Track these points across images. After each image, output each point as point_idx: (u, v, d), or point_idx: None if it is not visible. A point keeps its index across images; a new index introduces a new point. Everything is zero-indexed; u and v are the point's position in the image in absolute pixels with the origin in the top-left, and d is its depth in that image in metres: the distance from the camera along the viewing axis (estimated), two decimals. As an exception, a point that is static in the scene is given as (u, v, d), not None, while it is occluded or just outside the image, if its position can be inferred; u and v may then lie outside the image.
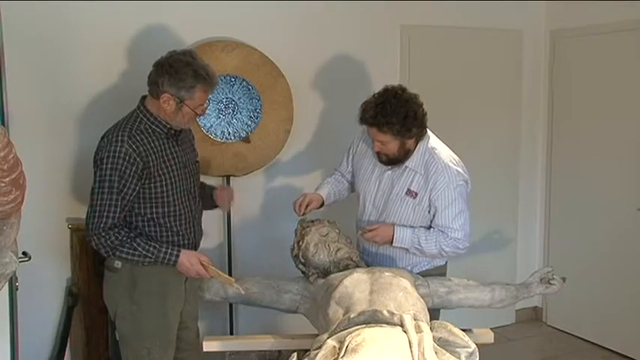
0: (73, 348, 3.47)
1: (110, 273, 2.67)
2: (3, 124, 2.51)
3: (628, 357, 4.27)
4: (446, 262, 3.05)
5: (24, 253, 2.52)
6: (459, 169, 2.87)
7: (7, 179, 1.81)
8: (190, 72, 2.53)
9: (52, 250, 3.39)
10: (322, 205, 3.06)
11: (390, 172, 2.92)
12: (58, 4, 3.27)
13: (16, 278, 2.48)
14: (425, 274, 2.88)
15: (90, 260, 3.35)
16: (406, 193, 2.87)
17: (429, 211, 2.85)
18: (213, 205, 3.00)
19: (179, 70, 2.52)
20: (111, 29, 3.41)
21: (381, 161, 2.90)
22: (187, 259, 2.61)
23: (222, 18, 3.67)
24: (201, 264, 2.63)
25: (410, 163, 2.86)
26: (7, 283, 2.18)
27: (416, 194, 2.85)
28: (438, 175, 2.81)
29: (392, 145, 2.79)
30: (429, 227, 2.87)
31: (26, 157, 2.04)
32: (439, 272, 2.98)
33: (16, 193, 1.86)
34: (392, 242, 2.83)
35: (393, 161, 2.86)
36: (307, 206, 2.97)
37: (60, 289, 3.44)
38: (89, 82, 3.39)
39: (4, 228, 1.94)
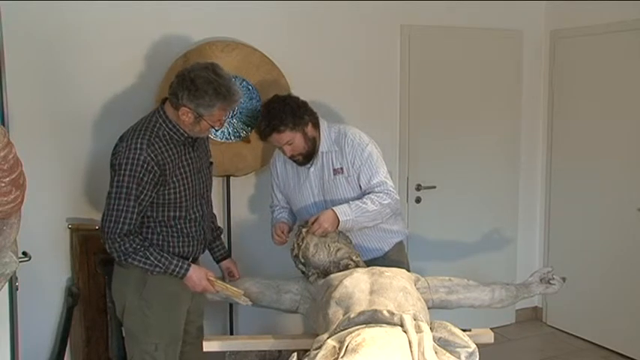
0: (73, 348, 3.47)
1: (120, 268, 2.70)
2: (3, 124, 2.51)
3: (628, 357, 4.27)
4: (401, 241, 3.23)
5: (24, 253, 2.52)
6: (362, 133, 3.05)
7: (7, 179, 1.81)
8: (211, 90, 2.52)
9: (52, 250, 3.39)
10: (290, 229, 3.14)
11: (312, 168, 3.05)
12: (58, 4, 3.27)
13: (16, 278, 2.48)
14: (386, 256, 3.07)
15: (90, 260, 3.35)
16: (334, 173, 3.01)
17: (358, 179, 2.99)
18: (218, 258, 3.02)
19: (200, 87, 2.51)
20: (110, 30, 3.41)
21: (299, 163, 3.04)
22: (196, 274, 2.66)
23: (222, 18, 3.67)
24: (208, 279, 2.68)
25: (323, 147, 3.03)
26: (7, 283, 2.18)
27: (342, 169, 3.00)
28: (348, 142, 2.99)
29: (298, 141, 2.94)
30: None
31: (26, 157, 2.04)
32: (398, 249, 3.19)
33: (16, 193, 1.86)
34: (338, 221, 2.86)
35: (308, 156, 3.01)
36: (283, 232, 3.07)
37: (60, 289, 3.44)
38: (89, 82, 3.39)
39: (4, 228, 1.94)
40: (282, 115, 2.89)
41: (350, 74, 4.09)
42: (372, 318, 2.18)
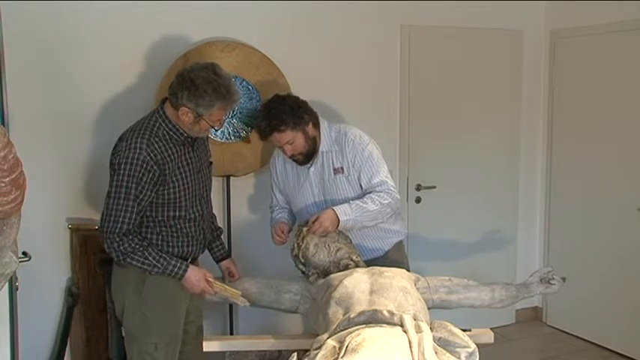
0: (73, 348, 3.47)
1: (119, 268, 2.70)
2: (3, 124, 2.51)
3: (628, 357, 4.27)
4: (401, 240, 3.23)
5: (24, 253, 2.52)
6: (362, 133, 3.06)
7: (7, 179, 1.81)
8: (210, 90, 2.52)
9: (52, 250, 3.39)
10: (290, 230, 3.14)
11: (312, 168, 3.05)
12: (58, 4, 3.27)
13: (16, 278, 2.48)
14: (386, 256, 3.08)
15: (90, 260, 3.35)
16: (334, 173, 3.01)
17: (358, 178, 3.00)
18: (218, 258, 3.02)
19: (199, 86, 2.51)
20: (110, 30, 3.41)
21: (300, 163, 3.04)
22: (194, 275, 2.66)
23: (222, 18, 3.67)
24: (206, 280, 2.68)
25: (323, 147, 3.03)
26: (7, 283, 2.18)
27: (342, 169, 3.01)
28: (348, 142, 3.00)
29: (298, 140, 2.94)
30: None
31: (26, 157, 2.04)
32: (398, 249, 3.19)
33: (16, 193, 1.86)
34: (338, 221, 2.86)
35: (309, 155, 3.01)
36: (283, 232, 3.07)
37: (60, 289, 3.44)
38: (89, 82, 3.39)
39: (4, 228, 1.94)
40: (283, 114, 2.89)
41: (350, 74, 4.09)
42: (372, 318, 2.18)
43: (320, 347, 2.05)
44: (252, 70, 3.63)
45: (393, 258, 3.12)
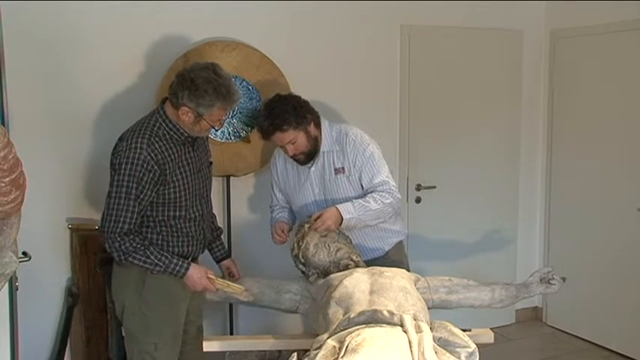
0: (73, 348, 3.47)
1: (119, 268, 2.71)
2: (3, 124, 2.51)
3: (628, 357, 4.27)
4: (401, 241, 3.23)
5: (24, 253, 2.52)
6: (363, 133, 3.06)
7: (7, 179, 1.81)
8: (211, 89, 2.52)
9: (52, 250, 3.39)
10: (290, 229, 3.14)
11: (313, 168, 3.05)
12: (58, 4, 3.28)
13: (16, 278, 2.48)
14: (386, 256, 3.08)
15: (90, 260, 3.35)
16: (335, 173, 3.02)
17: (359, 178, 3.00)
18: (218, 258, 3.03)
19: (200, 86, 2.52)
20: (110, 30, 3.41)
21: (301, 163, 3.04)
22: (196, 273, 2.67)
23: (222, 18, 3.67)
24: (208, 277, 2.69)
25: (324, 147, 3.03)
26: (7, 283, 2.18)
27: (343, 169, 3.01)
28: (349, 142, 3.01)
29: (301, 140, 2.94)
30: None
31: (26, 157, 2.04)
32: (398, 249, 3.19)
33: (16, 193, 1.86)
34: (341, 219, 2.86)
35: (310, 155, 3.01)
36: (283, 232, 3.07)
37: (60, 289, 3.44)
38: (89, 82, 3.39)
39: (4, 228, 1.94)
40: (286, 114, 2.89)
41: (350, 74, 4.09)
42: (372, 318, 2.18)
43: (320, 347, 2.05)
44: (252, 70, 3.63)
45: (393, 258, 3.12)
